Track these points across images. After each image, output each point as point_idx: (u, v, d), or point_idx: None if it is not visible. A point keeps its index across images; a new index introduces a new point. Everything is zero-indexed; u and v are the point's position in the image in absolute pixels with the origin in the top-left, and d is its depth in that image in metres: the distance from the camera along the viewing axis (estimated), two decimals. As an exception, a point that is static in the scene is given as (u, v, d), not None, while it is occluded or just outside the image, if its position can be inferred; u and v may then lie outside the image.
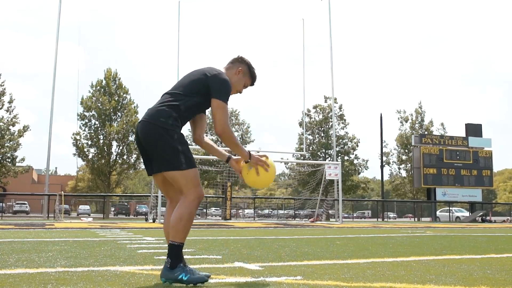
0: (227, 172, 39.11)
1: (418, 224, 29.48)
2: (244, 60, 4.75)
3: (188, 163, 4.32)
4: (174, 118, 4.36)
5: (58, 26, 34.79)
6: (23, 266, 5.43)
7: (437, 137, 47.01)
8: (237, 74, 4.67)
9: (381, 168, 54.10)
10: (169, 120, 4.31)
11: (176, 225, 4.22)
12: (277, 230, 16.54)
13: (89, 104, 45.95)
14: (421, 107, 59.06)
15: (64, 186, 70.16)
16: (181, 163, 4.28)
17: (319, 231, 16.13)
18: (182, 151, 4.33)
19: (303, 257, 6.80)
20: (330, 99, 49.25)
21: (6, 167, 40.66)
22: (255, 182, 4.75)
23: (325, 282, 4.43)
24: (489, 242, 11.24)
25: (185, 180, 4.28)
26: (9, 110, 40.93)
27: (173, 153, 4.28)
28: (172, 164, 4.27)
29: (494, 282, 4.56)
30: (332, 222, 33.25)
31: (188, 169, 4.30)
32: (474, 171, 45.84)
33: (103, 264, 5.63)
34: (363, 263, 6.23)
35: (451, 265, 6.00)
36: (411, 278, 4.76)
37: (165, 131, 4.27)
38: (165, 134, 4.27)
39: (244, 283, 4.31)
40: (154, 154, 4.35)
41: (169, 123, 4.31)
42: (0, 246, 8.08)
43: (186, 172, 4.29)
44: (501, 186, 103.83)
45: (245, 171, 4.73)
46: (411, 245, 9.69)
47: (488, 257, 7.28)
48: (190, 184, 4.29)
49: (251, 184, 4.80)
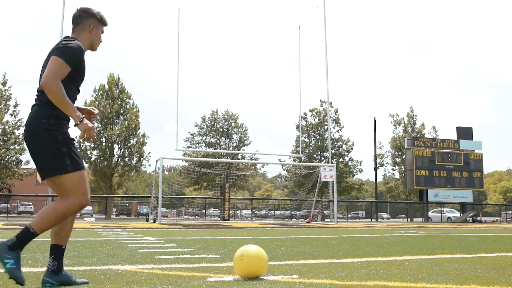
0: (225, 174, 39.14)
1: (410, 225, 29.48)
2: (89, 13, 4.27)
3: (74, 165, 4.04)
4: (55, 116, 4.01)
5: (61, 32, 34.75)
6: (27, 265, 5.42)
7: (429, 140, 47.02)
8: (91, 31, 4.26)
9: (375, 170, 54.11)
10: (51, 120, 3.99)
11: (46, 216, 3.92)
12: (274, 230, 16.53)
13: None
14: (412, 111, 59.18)
15: (68, 187, 70.06)
16: (66, 166, 3.99)
17: (315, 231, 16.13)
18: (67, 153, 4.02)
19: (299, 256, 6.80)
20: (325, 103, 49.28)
21: (12, 169, 40.63)
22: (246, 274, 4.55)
23: (320, 281, 4.43)
24: (479, 241, 11.25)
25: (71, 184, 4.00)
26: (14, 114, 40.92)
27: (58, 156, 3.97)
28: (58, 168, 3.98)
29: (484, 281, 4.56)
30: (327, 222, 33.24)
31: (73, 172, 4.01)
32: (465, 173, 45.84)
33: (105, 263, 5.62)
34: (358, 262, 6.23)
35: (442, 264, 6.01)
36: (404, 277, 4.76)
37: (48, 133, 3.97)
38: (48, 137, 3.97)
39: (242, 282, 4.30)
40: (39, 159, 4.03)
41: (51, 123, 3.99)
42: (5, 246, 8.07)
43: (72, 175, 4.01)
44: (491, 188, 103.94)
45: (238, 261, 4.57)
46: (404, 245, 9.69)
47: (478, 256, 7.29)
48: (76, 188, 4.00)
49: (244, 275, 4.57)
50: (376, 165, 54.68)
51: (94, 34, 4.27)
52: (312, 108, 54.68)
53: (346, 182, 53.81)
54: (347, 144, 54.61)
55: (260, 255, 4.58)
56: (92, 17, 4.25)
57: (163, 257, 6.45)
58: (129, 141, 46.49)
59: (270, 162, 49.06)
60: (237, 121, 55.34)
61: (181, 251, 7.40)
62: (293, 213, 46.43)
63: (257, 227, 19.56)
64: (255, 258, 4.53)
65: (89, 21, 4.24)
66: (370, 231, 17.19)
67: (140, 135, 46.91)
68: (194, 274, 4.77)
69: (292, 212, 46.52)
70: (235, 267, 4.59)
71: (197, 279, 4.44)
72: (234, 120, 55.28)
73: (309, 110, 54.58)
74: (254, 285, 4.12)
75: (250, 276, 4.49)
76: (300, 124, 46.47)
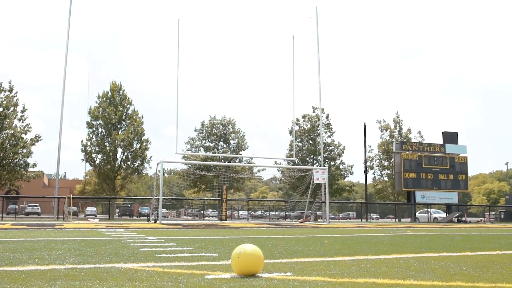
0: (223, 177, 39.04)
1: (399, 225, 29.50)
2: None
3: None
4: None
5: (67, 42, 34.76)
6: (34, 263, 5.40)
7: (417, 144, 47.05)
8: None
9: (365, 173, 54.14)
10: None
11: None
12: (269, 230, 16.52)
13: (96, 114, 45.90)
14: (398, 117, 59.35)
15: (73, 189, 69.77)
16: None
17: (308, 231, 16.12)
18: None
19: (293, 255, 6.80)
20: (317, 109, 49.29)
21: (20, 172, 40.52)
22: (243, 271, 4.54)
23: (313, 278, 4.42)
24: (464, 241, 11.26)
25: None
26: (22, 119, 40.81)
27: None
28: None
29: (469, 278, 4.56)
30: (320, 222, 33.22)
31: None
32: (451, 175, 45.89)
33: (109, 261, 5.61)
34: (348, 260, 6.23)
35: (429, 262, 6.01)
36: (392, 274, 4.76)
37: None
38: None
39: (239, 279, 4.30)
40: None
41: None
42: (13, 245, 8.05)
43: None
44: (475, 190, 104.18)
45: (235, 259, 4.56)
46: (393, 244, 9.69)
47: (463, 255, 7.29)
48: None
49: (240, 272, 4.56)
50: (366, 168, 54.74)
51: None
52: (304, 114, 54.70)
53: (337, 184, 53.80)
54: (339, 148, 54.61)
55: (256, 253, 4.57)
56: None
57: (164, 256, 6.44)
58: (132, 145, 46.42)
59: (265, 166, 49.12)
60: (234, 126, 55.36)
61: (180, 250, 7.39)
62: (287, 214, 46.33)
63: (253, 227, 19.54)
64: (252, 256, 4.53)
65: None
66: (361, 231, 17.19)
67: (144, 140, 46.87)
68: (193, 272, 4.76)
69: (286, 213, 46.43)
70: (233, 265, 4.59)
71: (196, 276, 4.43)
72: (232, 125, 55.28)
73: (301, 116, 54.64)
74: (250, 282, 4.11)
75: (247, 273, 4.49)
76: (293, 129, 46.50)
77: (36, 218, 39.71)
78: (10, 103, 39.97)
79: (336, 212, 62.52)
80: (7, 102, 39.84)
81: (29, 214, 50.37)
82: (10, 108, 39.93)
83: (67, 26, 35.15)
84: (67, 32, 35.03)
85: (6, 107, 39.63)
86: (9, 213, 46.95)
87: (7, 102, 39.82)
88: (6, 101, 39.86)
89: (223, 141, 54.08)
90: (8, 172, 40.22)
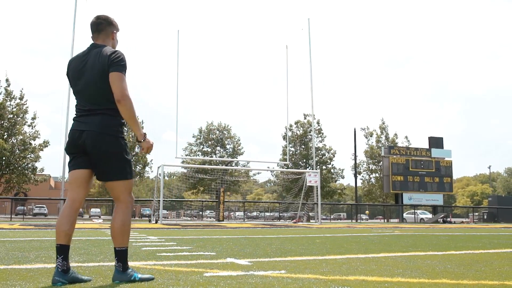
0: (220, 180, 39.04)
1: (387, 225, 29.50)
2: (110, 22, 4.23)
3: (132, 173, 4.04)
4: (122, 125, 3.99)
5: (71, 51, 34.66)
6: (42, 261, 5.39)
7: (404, 148, 47.11)
8: (113, 38, 4.23)
9: (355, 176, 54.24)
10: (120, 128, 3.96)
11: (122, 231, 3.94)
12: (264, 230, 16.50)
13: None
14: (384, 123, 59.60)
15: (78, 191, 69.74)
16: (127, 173, 3.98)
17: (301, 231, 16.11)
18: (130, 160, 4.05)
19: (287, 254, 6.79)
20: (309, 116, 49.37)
21: (28, 176, 40.47)
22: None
23: (306, 276, 4.42)
24: (449, 240, 11.27)
25: (125, 188, 3.98)
26: (32, 125, 40.81)
27: (124, 163, 3.96)
28: (120, 174, 3.95)
29: (453, 276, 4.57)
30: (312, 223, 33.18)
31: (131, 179, 4.02)
32: (436, 178, 45.95)
33: (112, 260, 5.59)
34: (339, 259, 6.23)
35: (416, 261, 6.01)
36: (381, 272, 4.76)
37: (120, 140, 3.94)
38: (119, 144, 3.93)
39: (236, 276, 4.29)
40: (103, 164, 3.92)
41: (120, 131, 3.97)
42: (21, 244, 8.02)
43: (129, 182, 4.01)
44: (459, 192, 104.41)
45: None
46: (381, 243, 9.69)
47: (448, 253, 7.30)
48: (127, 192, 4.00)
49: None
50: (356, 171, 54.85)
51: (115, 40, 4.27)
52: (296, 120, 54.86)
53: (329, 187, 53.87)
54: (330, 153, 54.71)
55: None
56: (112, 25, 4.23)
57: (164, 254, 6.43)
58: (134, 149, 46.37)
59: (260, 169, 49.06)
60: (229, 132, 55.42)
61: (180, 249, 7.37)
62: (281, 215, 46.36)
63: (249, 227, 19.51)
64: None
65: (110, 28, 4.22)
66: (351, 230, 17.18)
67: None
68: (192, 270, 4.76)
69: (280, 214, 46.46)
70: None
71: (195, 274, 4.43)
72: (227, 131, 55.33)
73: (294, 122, 54.75)
74: (246, 279, 4.11)
75: None
76: (286, 134, 46.60)
77: (43, 218, 39.59)
78: (20, 110, 39.97)
79: (328, 213, 62.63)
80: (17, 109, 39.83)
81: (37, 215, 50.30)
82: (20, 115, 39.92)
83: (72, 37, 35.07)
84: (71, 42, 34.93)
85: (16, 114, 39.61)
86: (18, 214, 46.93)
87: (17, 110, 39.81)
88: (16, 108, 39.85)
89: (220, 146, 54.11)
90: (17, 175, 40.18)
